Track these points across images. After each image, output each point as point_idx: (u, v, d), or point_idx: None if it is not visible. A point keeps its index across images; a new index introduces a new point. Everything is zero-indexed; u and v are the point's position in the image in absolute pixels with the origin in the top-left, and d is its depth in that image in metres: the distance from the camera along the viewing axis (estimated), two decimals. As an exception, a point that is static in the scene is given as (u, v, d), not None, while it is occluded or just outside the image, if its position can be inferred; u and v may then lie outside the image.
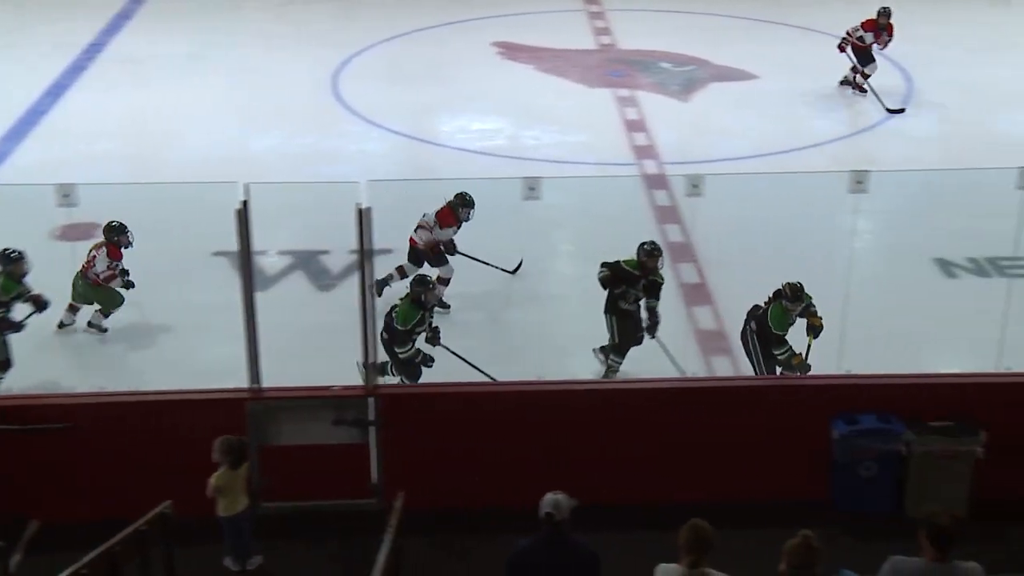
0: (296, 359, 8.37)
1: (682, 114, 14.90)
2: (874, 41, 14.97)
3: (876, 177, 8.64)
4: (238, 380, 6.64)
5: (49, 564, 6.01)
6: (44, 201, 8.95)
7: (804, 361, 8.66)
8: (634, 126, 14.45)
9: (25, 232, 10.00)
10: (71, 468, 7.22)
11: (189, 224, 10.95)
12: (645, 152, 13.66)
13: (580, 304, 10.62)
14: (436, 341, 8.78)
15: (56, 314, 9.68)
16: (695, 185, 7.74)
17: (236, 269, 7.66)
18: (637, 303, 9.13)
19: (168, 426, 7.25)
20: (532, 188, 7.73)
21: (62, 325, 9.86)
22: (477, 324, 10.07)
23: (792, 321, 8.69)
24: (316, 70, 16.14)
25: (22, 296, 9.07)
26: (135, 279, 9.77)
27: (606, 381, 7.85)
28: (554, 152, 13.76)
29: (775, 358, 8.68)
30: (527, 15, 17.74)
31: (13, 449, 7.14)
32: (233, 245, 6.28)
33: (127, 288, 9.80)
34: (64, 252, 10.17)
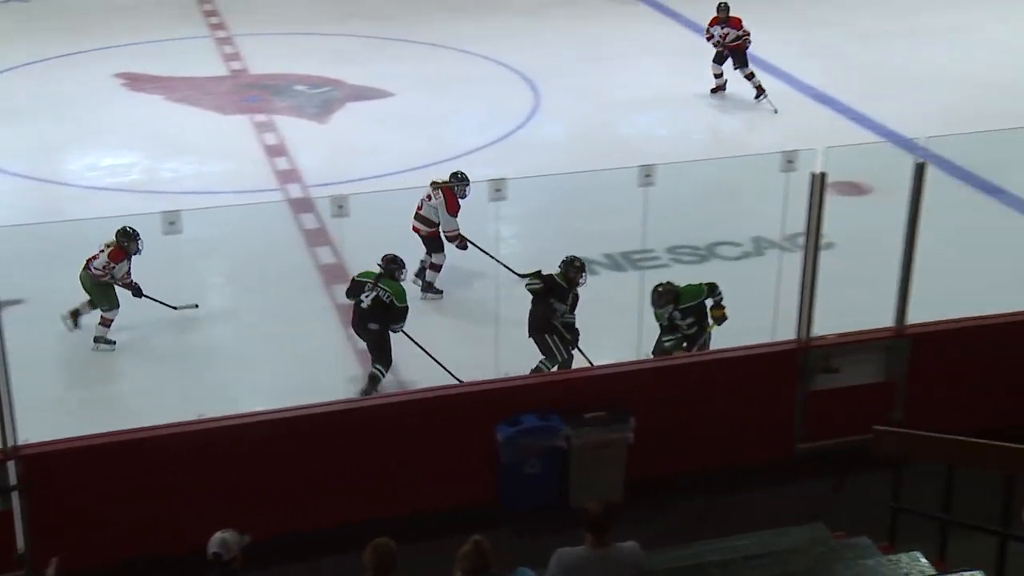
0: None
1: (322, 136, 14.89)
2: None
3: (513, 184, 8.98)
4: None
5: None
6: None
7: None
8: (274, 151, 14.29)
9: None
10: None
11: None
12: (288, 176, 13.54)
13: (238, 335, 10.41)
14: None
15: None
16: (340, 206, 7.72)
17: None
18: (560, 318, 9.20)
19: None
20: (172, 222, 7.44)
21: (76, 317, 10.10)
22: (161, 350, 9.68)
23: (663, 319, 9.06)
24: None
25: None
26: None
27: (275, 411, 7.72)
28: (194, 183, 13.37)
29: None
30: (150, 44, 17.14)
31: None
32: None
33: (136, 295, 10.00)
34: None
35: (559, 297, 9.22)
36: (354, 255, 11.10)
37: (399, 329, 9.27)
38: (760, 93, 15.60)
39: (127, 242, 9.84)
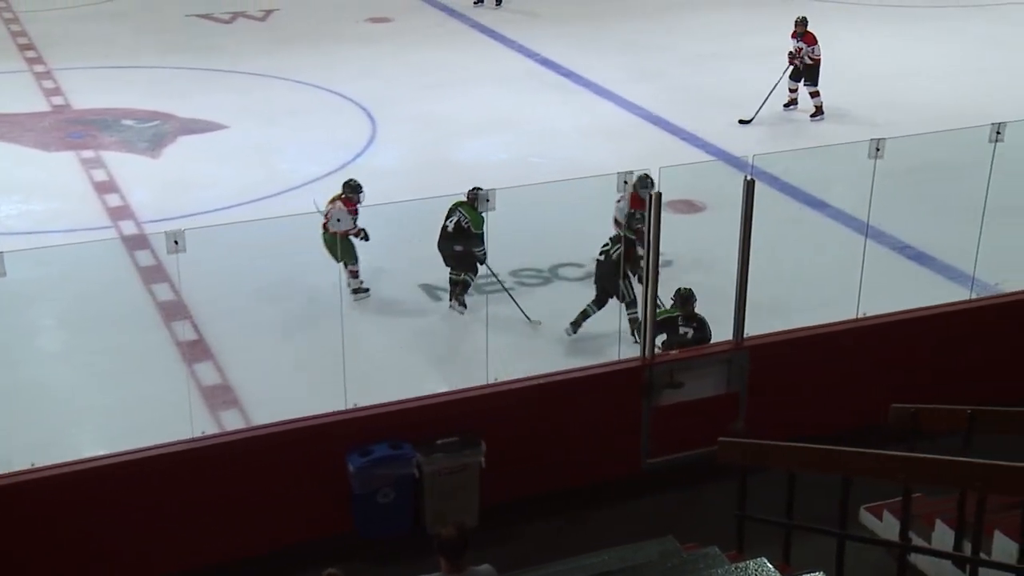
0: None
1: (154, 170, 14.50)
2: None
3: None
4: None
5: None
6: None
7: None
8: (104, 187, 13.85)
9: None
10: None
11: None
12: (120, 213, 13.13)
13: (74, 378, 10.04)
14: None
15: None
16: (176, 241, 7.53)
17: None
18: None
19: None
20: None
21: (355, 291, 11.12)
22: None
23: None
24: None
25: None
26: None
27: (117, 455, 7.44)
28: (19, 224, 12.85)
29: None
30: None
31: None
32: None
33: (364, 240, 11.06)
34: None
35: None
36: (193, 291, 10.86)
37: (481, 254, 10.69)
38: (817, 112, 16.24)
39: (353, 193, 11.13)
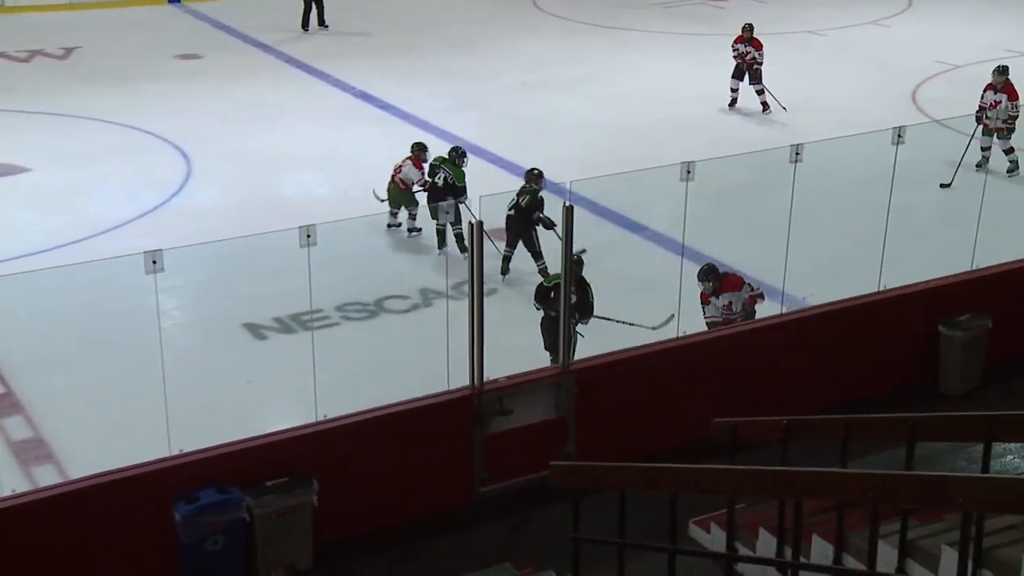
0: None
1: (-48, 217, 13.82)
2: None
3: (170, 255, 8.69)
4: None
5: None
6: None
7: None
8: None
9: None
10: None
11: None
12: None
13: None
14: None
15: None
16: (-20, 290, 7.20)
17: None
18: None
19: None
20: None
21: (389, 226, 13.42)
22: None
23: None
24: None
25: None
26: None
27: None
28: None
29: None
30: None
31: None
32: None
33: (424, 191, 13.18)
34: None
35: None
36: (4, 344, 10.37)
37: (464, 201, 12.44)
38: (765, 108, 17.73)
39: (420, 152, 13.38)
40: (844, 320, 9.78)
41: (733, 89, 18.01)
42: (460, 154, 13.17)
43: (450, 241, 12.53)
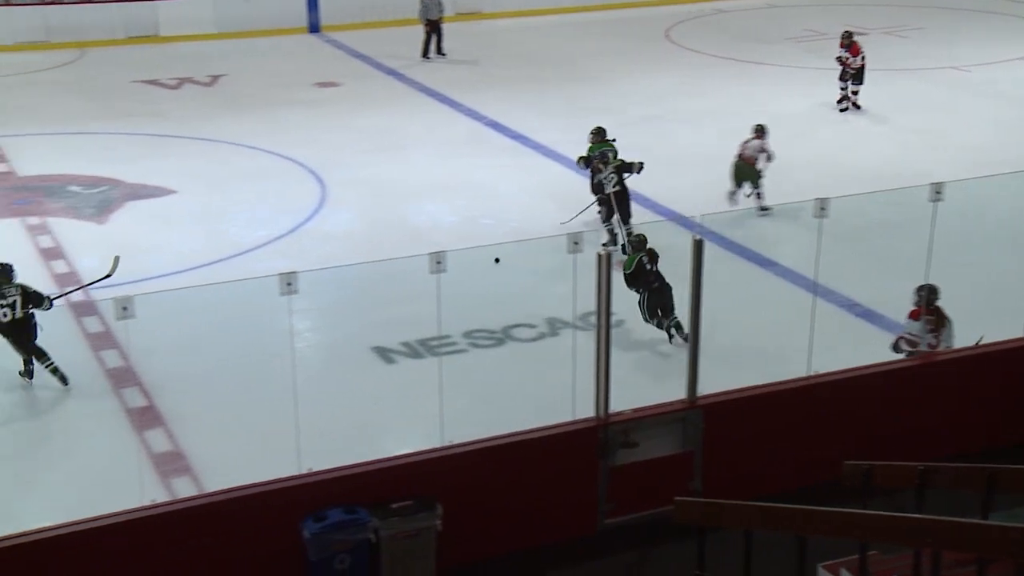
0: None
1: (101, 236, 14.40)
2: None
3: (304, 277, 8.92)
4: None
5: None
6: None
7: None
8: (51, 254, 13.72)
9: None
10: None
11: None
12: (67, 280, 13.00)
13: (18, 448, 9.86)
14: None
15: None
16: (125, 308, 7.46)
17: None
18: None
19: None
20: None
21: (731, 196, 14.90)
22: None
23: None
24: None
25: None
26: None
27: (64, 526, 7.29)
28: (-37, 291, 12.68)
29: None
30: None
31: None
32: None
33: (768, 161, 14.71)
34: None
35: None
36: (142, 357, 10.76)
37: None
38: (849, 106, 19.40)
39: (762, 134, 14.73)
40: (986, 364, 9.48)
41: (842, 88, 19.54)
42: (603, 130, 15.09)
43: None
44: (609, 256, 8.26)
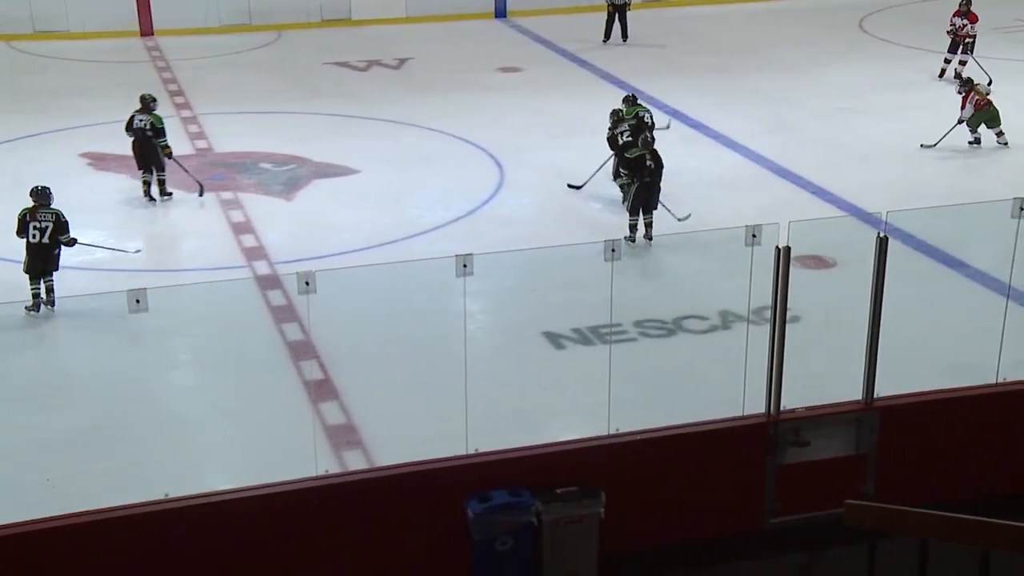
0: None
1: (288, 213, 14.89)
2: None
3: (479, 260, 9.02)
4: None
5: None
6: None
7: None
8: (241, 228, 14.27)
9: None
10: None
11: None
12: (255, 253, 13.50)
13: (206, 412, 10.30)
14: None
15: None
16: (307, 282, 7.72)
17: None
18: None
19: None
20: (138, 300, 7.38)
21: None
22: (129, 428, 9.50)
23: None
24: None
25: None
26: None
27: (242, 490, 7.59)
28: (161, 261, 13.31)
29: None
30: (115, 124, 17.07)
31: None
32: None
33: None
34: None
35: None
36: (321, 331, 11.07)
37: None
38: (956, 76, 19.03)
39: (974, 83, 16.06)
40: None
41: (946, 60, 19.88)
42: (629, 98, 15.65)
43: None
44: (788, 250, 8.06)
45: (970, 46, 19.67)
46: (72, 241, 11.91)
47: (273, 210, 14.91)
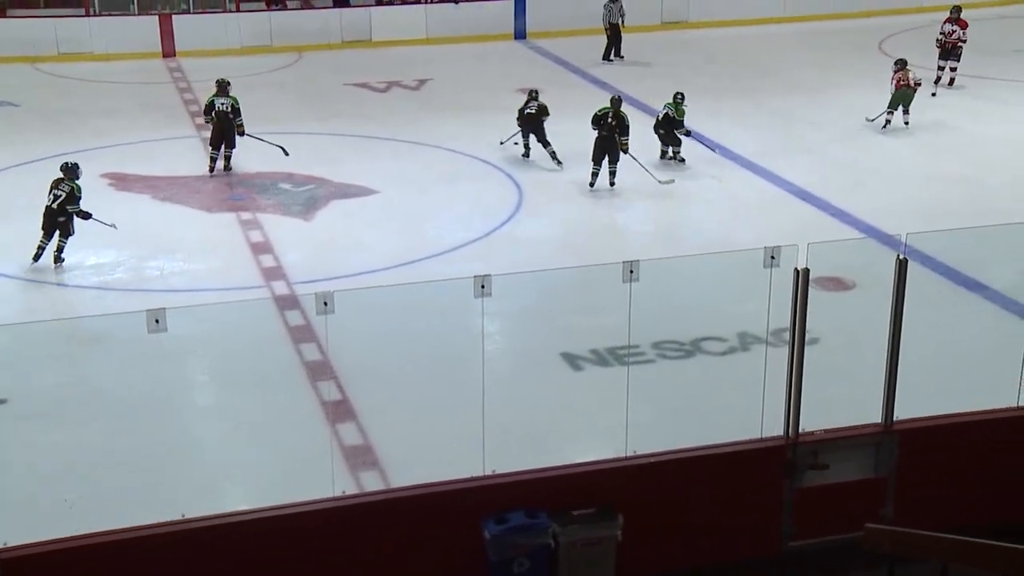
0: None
1: (307, 233, 14.95)
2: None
3: (498, 280, 9.02)
4: None
5: None
6: None
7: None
8: (260, 248, 14.33)
9: None
10: None
11: None
12: (273, 273, 13.56)
13: (222, 433, 10.32)
14: None
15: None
16: (326, 303, 7.74)
17: None
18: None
19: None
20: (157, 320, 7.41)
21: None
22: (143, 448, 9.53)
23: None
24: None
25: None
26: None
27: (259, 510, 7.59)
28: (180, 281, 13.37)
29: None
30: (137, 144, 17.26)
31: None
32: None
33: None
34: None
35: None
36: (339, 352, 11.08)
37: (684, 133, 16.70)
38: (950, 84, 20.30)
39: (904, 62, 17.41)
40: None
41: (940, 68, 20.25)
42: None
43: None
44: (807, 272, 8.04)
45: (958, 52, 20.14)
46: (78, 211, 13.44)
47: (292, 230, 14.97)
